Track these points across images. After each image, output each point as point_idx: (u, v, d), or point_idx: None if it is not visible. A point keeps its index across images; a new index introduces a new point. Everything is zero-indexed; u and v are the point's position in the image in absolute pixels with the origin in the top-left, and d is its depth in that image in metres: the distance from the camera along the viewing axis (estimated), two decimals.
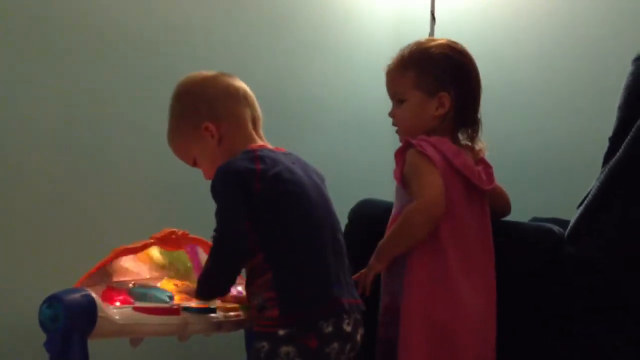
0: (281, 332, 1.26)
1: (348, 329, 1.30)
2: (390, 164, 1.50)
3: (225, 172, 1.32)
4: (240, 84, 1.48)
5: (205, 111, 1.42)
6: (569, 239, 1.53)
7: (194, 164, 1.48)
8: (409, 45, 1.55)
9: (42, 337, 1.19)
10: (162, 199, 1.91)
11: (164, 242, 1.47)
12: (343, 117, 2.54)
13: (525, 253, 1.54)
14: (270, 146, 1.44)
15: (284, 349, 1.25)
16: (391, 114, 1.56)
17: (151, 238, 1.45)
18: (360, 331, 1.35)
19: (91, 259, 1.39)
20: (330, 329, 1.27)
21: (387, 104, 1.58)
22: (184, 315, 1.33)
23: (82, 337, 1.19)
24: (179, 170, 1.91)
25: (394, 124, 1.57)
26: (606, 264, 1.48)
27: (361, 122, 2.61)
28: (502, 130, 2.63)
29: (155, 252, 1.51)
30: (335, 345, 1.28)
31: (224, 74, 1.48)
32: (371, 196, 1.80)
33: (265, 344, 1.27)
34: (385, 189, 1.69)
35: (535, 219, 1.93)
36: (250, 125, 1.45)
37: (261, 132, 1.48)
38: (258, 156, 1.35)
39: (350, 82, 2.60)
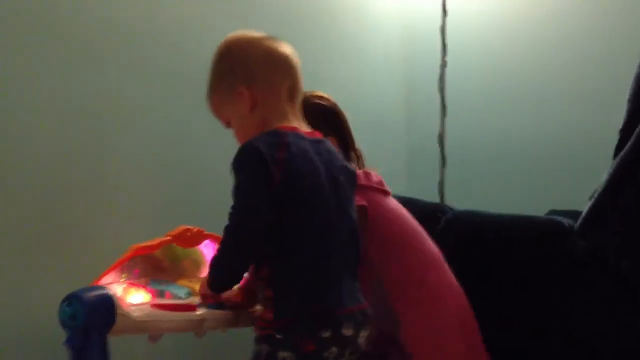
0: (278, 336, 1.24)
1: (348, 332, 1.27)
2: (402, 162, 1.50)
3: (249, 148, 1.28)
4: (286, 50, 1.41)
5: (242, 74, 1.38)
6: (579, 231, 1.53)
7: (228, 124, 1.43)
8: None
9: (63, 335, 1.21)
10: (175, 198, 1.92)
11: (180, 239, 1.48)
12: (353, 114, 2.53)
13: (534, 245, 1.55)
14: (302, 129, 1.39)
15: (282, 354, 1.23)
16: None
17: (167, 235, 1.46)
18: (363, 333, 1.32)
19: (110, 256, 1.41)
20: (328, 334, 1.24)
21: (400, 99, 1.59)
22: (201, 311, 1.35)
23: (102, 334, 1.20)
24: (189, 170, 1.93)
25: None
26: (614, 255, 1.48)
27: (373, 118, 2.62)
28: (518, 124, 2.64)
29: (171, 249, 1.53)
30: (334, 349, 1.25)
31: (271, 37, 1.42)
32: None
33: (264, 346, 1.26)
34: (400, 187, 1.70)
35: (552, 212, 1.93)
36: (286, 97, 1.39)
37: (297, 105, 1.42)
38: (286, 142, 1.30)
39: (361, 77, 2.61)
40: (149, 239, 1.45)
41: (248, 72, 1.37)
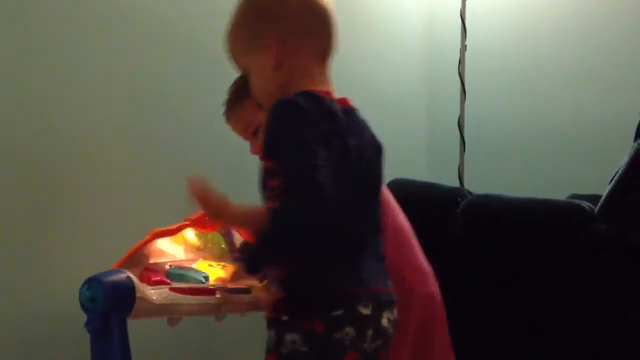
0: (284, 318, 1.13)
1: (365, 311, 1.13)
2: (422, 145, 1.48)
3: (293, 104, 1.12)
4: (325, 2, 1.24)
5: (272, 24, 1.20)
6: (600, 215, 1.52)
7: (247, 74, 1.28)
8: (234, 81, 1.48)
9: (83, 317, 1.22)
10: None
11: (199, 224, 1.48)
12: (374, 98, 2.53)
13: (554, 230, 1.54)
14: (334, 94, 1.23)
15: (289, 337, 1.12)
16: (254, 151, 1.49)
17: (186, 220, 1.47)
18: (388, 315, 1.18)
19: (128, 241, 1.41)
20: (339, 311, 1.10)
21: (420, 83, 1.56)
22: (220, 295, 1.35)
23: (121, 317, 1.21)
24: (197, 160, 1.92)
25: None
26: (636, 237, 1.47)
27: (393, 102, 2.61)
28: (539, 107, 2.62)
29: (190, 234, 1.54)
30: (349, 330, 1.11)
31: None
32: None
33: (272, 332, 1.16)
34: (419, 171, 1.69)
35: (574, 196, 1.92)
36: (317, 57, 1.23)
37: (328, 66, 1.26)
38: (326, 108, 1.15)
39: (382, 61, 2.59)
40: (180, 221, 1.45)
41: (280, 24, 1.20)
